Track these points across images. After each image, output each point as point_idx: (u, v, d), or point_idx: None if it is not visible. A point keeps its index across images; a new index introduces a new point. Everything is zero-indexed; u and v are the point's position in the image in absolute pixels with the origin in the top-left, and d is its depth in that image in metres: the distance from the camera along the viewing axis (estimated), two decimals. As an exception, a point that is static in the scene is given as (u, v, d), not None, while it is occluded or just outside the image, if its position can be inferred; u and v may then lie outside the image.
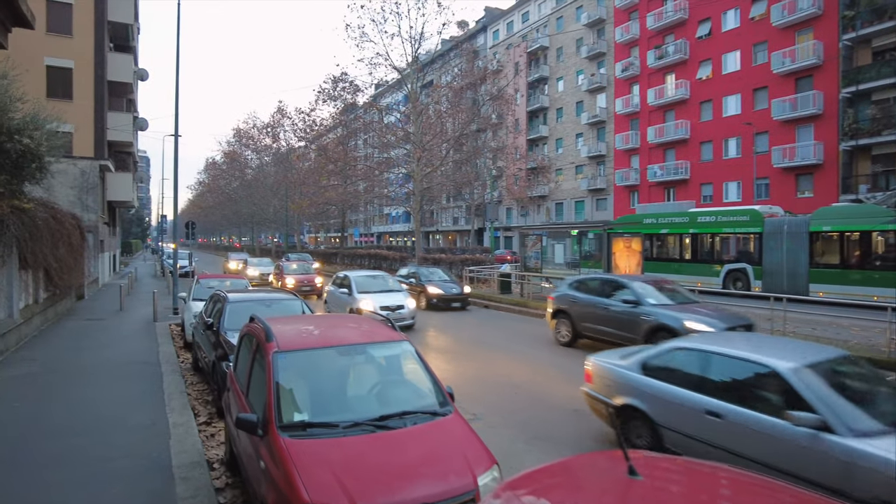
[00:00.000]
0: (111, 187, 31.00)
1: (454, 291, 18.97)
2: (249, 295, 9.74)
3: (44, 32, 27.85)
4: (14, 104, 11.33)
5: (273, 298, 9.49)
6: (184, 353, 11.58)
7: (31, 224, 11.49)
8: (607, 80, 52.38)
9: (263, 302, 9.25)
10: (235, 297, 9.17)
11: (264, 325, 4.81)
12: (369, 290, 14.96)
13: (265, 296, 9.72)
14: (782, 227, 20.12)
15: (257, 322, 5.26)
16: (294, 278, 23.02)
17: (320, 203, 40.54)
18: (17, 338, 11.51)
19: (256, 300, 9.33)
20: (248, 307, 8.93)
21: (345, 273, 16.72)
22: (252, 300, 9.32)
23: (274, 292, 10.42)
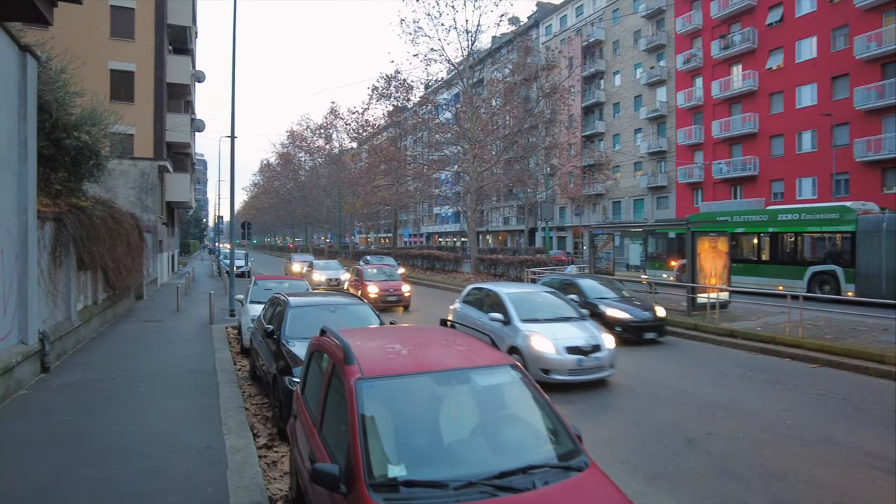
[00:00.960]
0: (169, 188, 31.35)
1: (645, 316, 12.69)
2: (312, 299, 8.95)
3: (108, 37, 28.39)
4: (73, 100, 10.98)
5: (337, 303, 8.66)
6: (240, 360, 10.95)
7: (88, 223, 11.10)
8: (667, 73, 50.12)
9: (327, 307, 8.44)
10: (297, 302, 8.39)
11: (341, 341, 3.90)
12: (538, 318, 9.79)
13: (329, 300, 8.91)
14: (880, 225, 18.12)
15: (330, 336, 4.37)
16: (377, 286, 19.20)
17: (374, 203, 40.11)
18: (74, 340, 11.14)
19: (320, 305, 8.53)
20: (311, 313, 8.15)
21: (489, 287, 11.47)
22: (315, 305, 8.52)
23: (336, 295, 9.60)
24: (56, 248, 9.93)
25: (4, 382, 7.46)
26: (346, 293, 11.51)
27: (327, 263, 27.48)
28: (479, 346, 4.20)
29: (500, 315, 10.07)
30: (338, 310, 8.45)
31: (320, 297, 9.38)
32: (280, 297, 9.02)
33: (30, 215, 8.46)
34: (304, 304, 8.44)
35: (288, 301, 8.37)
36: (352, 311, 8.51)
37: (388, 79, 38.06)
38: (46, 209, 9.75)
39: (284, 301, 8.48)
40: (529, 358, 8.97)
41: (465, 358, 3.89)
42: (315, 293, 10.82)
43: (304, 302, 8.53)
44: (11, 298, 8.02)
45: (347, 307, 8.57)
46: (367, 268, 21.66)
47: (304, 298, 8.82)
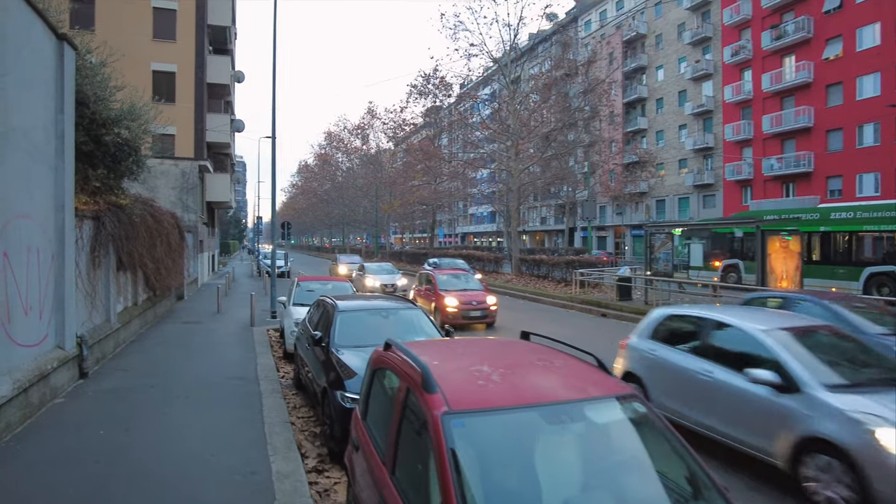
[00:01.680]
0: (210, 188, 31.38)
1: None
2: (362, 303, 8.27)
3: (150, 39, 28.56)
4: (112, 94, 10.59)
5: (389, 308, 7.97)
6: (283, 366, 10.38)
7: (127, 222, 10.70)
8: (714, 67, 48.23)
9: (379, 312, 7.76)
10: (346, 306, 7.73)
11: (416, 361, 3.15)
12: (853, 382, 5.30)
13: (380, 304, 8.22)
14: None
15: (398, 352, 3.63)
16: (456, 297, 15.20)
17: (411, 202, 39.56)
18: (114, 343, 10.76)
19: (371, 309, 7.85)
20: (361, 318, 7.49)
21: (713, 314, 6.68)
22: (366, 309, 7.85)
23: (386, 299, 8.87)
24: (94, 247, 9.53)
25: (39, 391, 7.00)
26: (395, 297, 10.63)
27: (381, 266, 24.12)
28: (585, 368, 3.40)
29: (769, 375, 5.30)
30: (390, 315, 7.76)
31: (369, 300, 8.70)
32: (326, 301, 8.38)
33: (67, 213, 8.02)
34: (353, 308, 7.76)
35: (336, 305, 7.70)
36: (405, 316, 7.80)
37: (427, 76, 37.59)
38: (84, 207, 9.35)
39: (332, 305, 7.82)
40: (873, 464, 4.46)
41: (575, 386, 3.11)
42: (362, 296, 10.16)
43: (353, 306, 7.86)
44: (48, 301, 7.58)
45: (400, 312, 7.87)
46: (440, 274, 17.25)
47: (353, 302, 8.14)
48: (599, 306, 18.59)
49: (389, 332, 7.40)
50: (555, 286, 23.40)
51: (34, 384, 6.77)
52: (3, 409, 6.04)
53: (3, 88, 6.32)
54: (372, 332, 7.32)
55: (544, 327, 15.14)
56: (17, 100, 6.72)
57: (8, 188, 6.44)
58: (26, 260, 6.89)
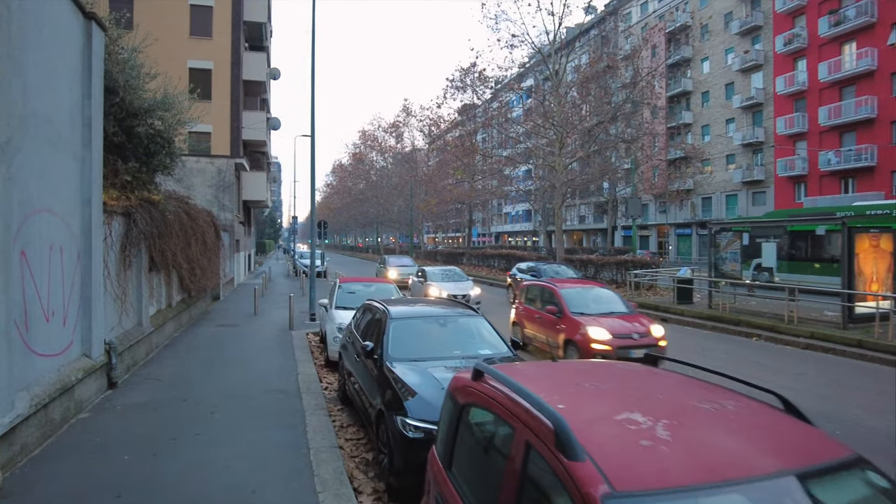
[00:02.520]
0: (246, 186, 31.03)
1: None
2: (416, 309, 7.33)
3: (187, 36, 28.33)
4: (145, 84, 9.92)
5: (446, 314, 6.99)
6: (326, 375, 9.54)
7: (160, 219, 10.02)
8: (764, 57, 45.97)
9: (436, 319, 6.81)
10: (398, 312, 6.80)
11: (540, 407, 2.17)
12: None
13: (436, 310, 7.25)
14: None
15: (498, 385, 2.65)
16: (606, 327, 9.78)
17: (449, 200, 38.62)
18: (146, 349, 10.09)
19: (427, 317, 6.91)
20: (417, 327, 6.56)
21: None
22: (421, 316, 6.91)
23: (440, 305, 7.87)
24: (125, 246, 8.84)
25: (62, 406, 6.28)
26: (448, 301, 8.67)
27: (446, 272, 19.59)
28: (774, 416, 2.37)
29: None
30: (448, 323, 6.80)
31: (423, 305, 7.74)
32: (375, 306, 7.48)
33: (94, 208, 7.30)
34: (407, 314, 6.83)
35: (388, 312, 6.78)
36: (465, 325, 6.84)
37: (464, 71, 36.60)
38: (114, 203, 8.67)
39: (383, 311, 6.91)
40: None
41: (777, 447, 2.08)
42: (412, 300, 9.18)
43: (406, 312, 6.93)
44: (73, 305, 6.87)
45: (459, 320, 6.90)
46: (565, 286, 11.54)
47: (406, 308, 7.21)
48: (658, 310, 17.32)
49: (449, 342, 6.47)
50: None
51: (55, 399, 6.04)
52: (19, 428, 5.29)
53: (22, 66, 5.58)
54: (429, 343, 6.41)
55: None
56: (38, 82, 5.99)
57: (27, 179, 5.71)
58: (48, 259, 6.17)
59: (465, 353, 6.22)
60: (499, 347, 6.49)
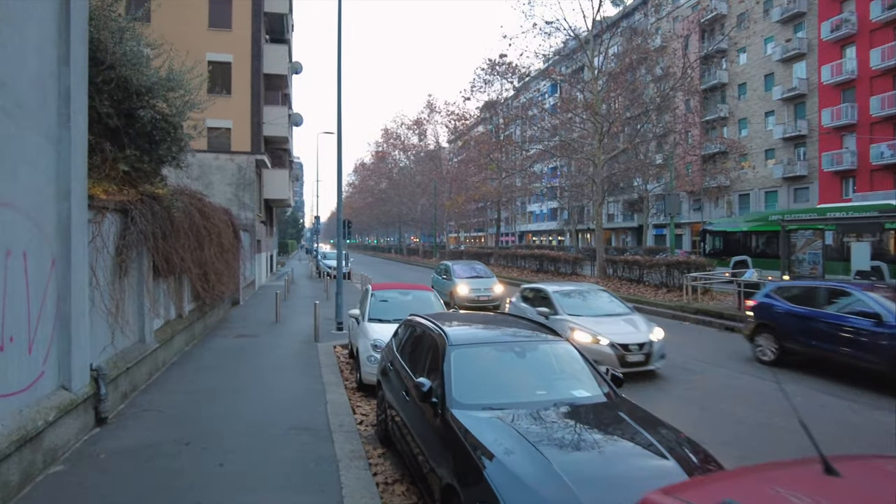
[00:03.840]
0: (267, 184, 29.76)
1: None
2: (481, 331, 5.64)
3: (206, 28, 27.15)
4: (148, 60, 8.44)
5: (522, 340, 5.32)
6: (359, 402, 7.94)
7: (165, 217, 8.54)
8: (808, 46, 43.41)
9: (510, 347, 5.15)
10: (460, 336, 5.16)
11: None
12: None
13: (506, 334, 5.51)
14: None
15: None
16: None
17: (477, 198, 36.96)
18: (149, 369, 8.63)
19: (499, 343, 5.23)
20: (488, 358, 4.94)
21: None
22: (490, 343, 5.23)
23: (509, 325, 6.15)
24: (121, 249, 7.37)
25: (24, 460, 4.77)
26: (513, 317, 6.77)
27: (578, 292, 11.52)
28: None
29: None
30: (526, 351, 5.13)
31: (487, 326, 6.02)
32: (424, 324, 5.86)
33: (75, 203, 5.82)
34: (471, 339, 5.19)
35: (445, 334, 5.15)
36: (548, 353, 5.16)
37: (493, 63, 34.95)
38: (108, 197, 7.20)
39: (438, 333, 5.28)
40: None
41: None
42: (469, 316, 7.41)
43: (470, 336, 5.29)
44: (44, 325, 5.38)
45: (540, 347, 5.21)
46: None
47: (467, 329, 5.58)
48: (722, 318, 15.46)
49: (530, 379, 4.83)
50: (654, 292, 20.27)
51: (11, 455, 4.54)
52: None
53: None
54: (505, 381, 4.79)
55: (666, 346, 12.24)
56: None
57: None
58: (2, 268, 4.67)
59: (555, 396, 4.59)
60: (595, 386, 4.84)
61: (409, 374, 5.45)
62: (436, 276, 21.85)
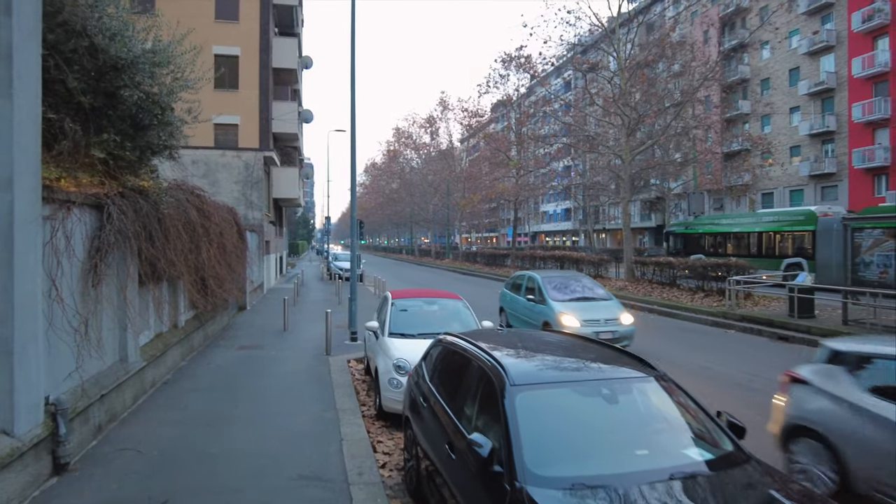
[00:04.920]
0: (276, 183, 28.55)
1: None
2: (553, 363, 4.14)
3: (212, 20, 25.98)
4: (131, 30, 7.16)
5: (608, 378, 3.85)
6: (381, 438, 6.59)
7: (150, 214, 7.25)
8: (836, 38, 41.59)
9: (595, 387, 3.75)
10: (524, 372, 3.75)
11: None
12: None
13: (587, 367, 4.03)
14: None
15: None
16: None
17: (492, 197, 35.56)
18: (134, 392, 7.35)
19: (581, 382, 3.81)
20: (570, 403, 3.56)
21: None
22: (571, 381, 3.81)
23: (582, 346, 4.61)
24: (93, 252, 6.09)
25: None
26: (589, 339, 5.07)
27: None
28: None
29: None
30: (617, 395, 3.72)
31: (550, 352, 4.58)
32: (466, 348, 4.50)
33: (20, 193, 4.52)
34: (539, 377, 3.79)
35: (503, 369, 3.76)
36: (645, 399, 3.76)
37: (509, 58, 33.62)
38: (78, 189, 5.93)
39: (491, 365, 3.90)
40: None
41: None
42: (519, 335, 5.90)
43: (537, 372, 3.89)
44: (-22, 351, 4.10)
45: (633, 390, 3.78)
46: None
47: (527, 360, 4.19)
48: (773, 326, 13.96)
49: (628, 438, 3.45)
50: (690, 296, 18.77)
51: None
52: None
53: None
54: (596, 441, 3.41)
55: (713, 358, 10.80)
56: None
57: None
58: None
59: (666, 461, 3.21)
60: (713, 440, 3.46)
61: (452, 420, 4.10)
62: (511, 296, 13.89)
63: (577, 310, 11.37)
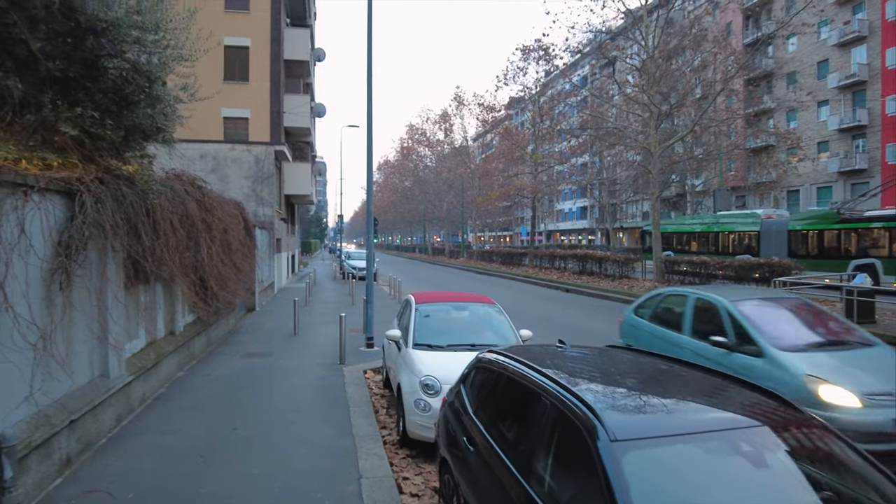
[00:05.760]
0: (288, 179, 27.56)
1: None
2: (662, 405, 3.03)
3: (222, 10, 25.06)
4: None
5: (740, 424, 2.68)
6: (407, 473, 5.42)
7: (136, 204, 6.17)
8: (869, 28, 39.91)
9: (728, 439, 2.59)
10: (630, 424, 2.61)
11: None
12: None
13: (718, 411, 2.79)
14: None
15: None
16: None
17: (510, 193, 34.38)
18: (116, 412, 6.29)
19: (710, 433, 2.66)
20: (705, 467, 2.37)
21: None
22: (699, 433, 2.67)
23: (690, 380, 3.32)
24: (63, 249, 5.02)
25: None
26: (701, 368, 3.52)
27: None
28: None
29: None
30: (766, 448, 2.58)
31: (650, 386, 3.36)
32: (528, 375, 3.36)
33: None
34: (656, 429, 2.63)
35: (598, 419, 2.59)
36: (796, 448, 2.61)
37: (527, 49, 32.47)
38: (40, 172, 4.87)
39: (574, 407, 2.74)
40: None
41: None
42: (579, 351, 4.47)
43: (648, 419, 2.77)
44: None
45: (790, 441, 2.66)
46: None
47: (624, 398, 3.05)
48: (832, 332, 12.62)
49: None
50: (728, 298, 17.48)
51: None
52: None
53: None
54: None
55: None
56: None
57: None
58: None
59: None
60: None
61: (515, 477, 2.96)
62: (650, 330, 8.19)
63: (841, 370, 5.70)
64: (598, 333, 13.17)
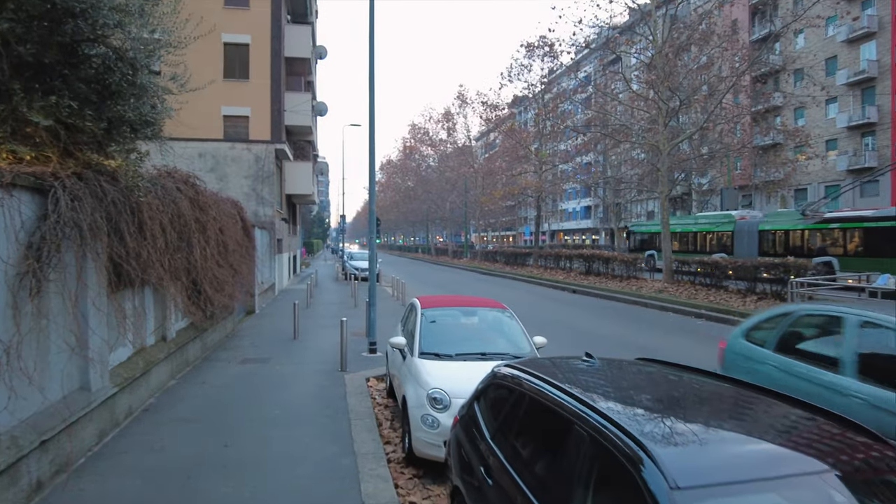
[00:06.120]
0: (289, 178, 27.09)
1: None
2: (740, 451, 2.32)
3: (221, 6, 24.62)
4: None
5: (829, 466, 2.20)
6: (413, 499, 4.94)
7: (119, 203, 5.68)
8: (878, 24, 39.35)
9: (816, 485, 2.07)
10: (694, 467, 2.07)
11: None
12: None
13: (803, 458, 2.23)
14: None
15: None
16: None
17: (515, 192, 33.87)
18: (99, 428, 5.81)
19: (789, 478, 2.07)
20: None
21: None
22: (775, 478, 2.10)
23: (755, 405, 2.83)
24: (34, 251, 4.54)
25: None
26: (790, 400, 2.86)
27: None
28: None
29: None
30: (865, 496, 2.09)
31: (712, 408, 2.83)
32: (561, 401, 2.85)
33: None
34: (726, 474, 2.09)
35: (650, 455, 2.10)
36: None
37: (531, 46, 31.99)
38: (12, 168, 4.39)
39: (625, 448, 2.22)
40: None
41: None
42: (622, 368, 3.90)
43: (720, 464, 2.18)
44: None
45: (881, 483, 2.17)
46: None
47: (687, 434, 2.52)
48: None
49: None
50: (741, 300, 16.89)
51: None
52: None
53: None
54: None
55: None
56: None
57: None
58: None
59: None
60: None
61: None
62: (775, 364, 5.55)
63: None
64: (616, 339, 12.65)
